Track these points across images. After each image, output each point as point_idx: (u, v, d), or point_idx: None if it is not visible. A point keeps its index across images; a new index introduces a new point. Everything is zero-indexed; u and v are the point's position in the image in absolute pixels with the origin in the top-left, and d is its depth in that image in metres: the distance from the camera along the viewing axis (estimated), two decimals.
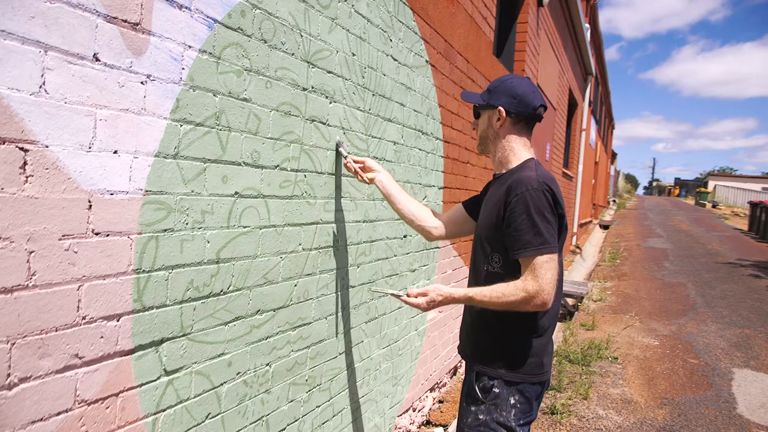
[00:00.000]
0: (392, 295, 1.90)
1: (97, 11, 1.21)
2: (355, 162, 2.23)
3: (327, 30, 2.11)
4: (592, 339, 5.55)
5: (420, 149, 3.18)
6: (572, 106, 11.48)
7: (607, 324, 6.46)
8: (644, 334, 6.09)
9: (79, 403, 1.25)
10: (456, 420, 3.09)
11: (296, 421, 2.17)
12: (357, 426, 2.73)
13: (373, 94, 2.54)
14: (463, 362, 4.47)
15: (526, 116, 1.83)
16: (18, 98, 1.08)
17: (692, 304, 7.64)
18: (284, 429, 2.09)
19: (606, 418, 3.80)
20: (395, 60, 2.73)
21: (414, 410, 3.55)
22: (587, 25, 11.52)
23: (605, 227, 20.40)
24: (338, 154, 2.26)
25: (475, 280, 1.86)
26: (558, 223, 1.67)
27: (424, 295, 1.78)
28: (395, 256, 2.98)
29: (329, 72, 2.15)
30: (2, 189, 1.06)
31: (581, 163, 12.93)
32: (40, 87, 1.12)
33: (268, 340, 1.94)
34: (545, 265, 1.60)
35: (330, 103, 2.18)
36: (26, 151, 1.10)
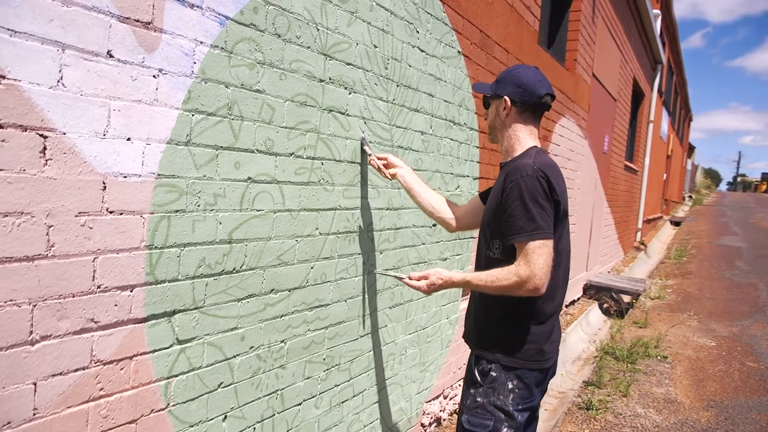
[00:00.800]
0: (395, 277, 1.97)
1: (110, 12, 1.35)
2: (379, 159, 2.31)
3: (346, 23, 2.19)
4: (641, 337, 5.37)
5: (451, 139, 3.21)
6: (638, 96, 10.99)
7: (662, 323, 6.21)
8: (701, 334, 5.81)
9: (95, 363, 1.41)
10: None
11: (313, 397, 2.28)
12: (381, 407, 2.82)
13: (398, 85, 2.60)
14: None
15: (531, 105, 1.84)
16: (38, 91, 1.23)
17: (761, 306, 7.19)
18: (300, 404, 2.21)
19: (644, 416, 3.70)
20: (422, 51, 2.78)
21: (445, 397, 3.60)
22: (657, 12, 10.97)
23: (677, 224, 19.43)
24: (363, 151, 2.35)
25: (477, 266, 1.90)
26: (555, 209, 1.68)
27: (425, 278, 1.84)
28: (423, 244, 3.04)
29: (348, 64, 2.23)
30: (24, 170, 1.22)
31: (648, 157, 12.36)
32: (58, 81, 1.26)
33: (282, 318, 2.06)
34: (537, 250, 1.62)
35: (349, 93, 2.27)
36: (45, 137, 1.25)
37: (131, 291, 1.48)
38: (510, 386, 1.76)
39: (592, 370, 4.46)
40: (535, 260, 1.62)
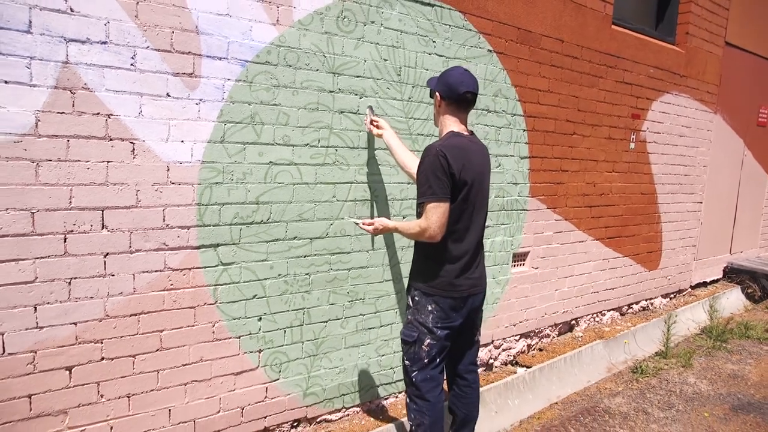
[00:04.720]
0: (354, 222, 2.74)
1: (167, 72, 2.41)
2: (372, 122, 3.02)
3: (352, 47, 3.00)
4: (758, 321, 5.11)
5: (486, 125, 3.78)
6: None
7: None
8: None
9: (167, 268, 2.52)
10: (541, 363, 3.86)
11: (339, 319, 3.18)
12: None
13: (413, 86, 3.32)
14: (579, 322, 4.89)
15: (455, 100, 2.45)
16: (129, 120, 2.34)
17: None
18: (326, 322, 3.13)
19: (692, 385, 3.81)
20: (441, 56, 3.43)
21: (496, 347, 4.19)
22: None
23: None
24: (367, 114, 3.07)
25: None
26: (451, 181, 2.29)
27: (372, 224, 2.59)
28: None
29: (357, 76, 3.05)
30: (123, 161, 2.34)
31: None
32: (139, 113, 2.36)
33: (306, 257, 2.99)
34: (431, 209, 2.28)
35: (360, 98, 3.08)
36: (134, 143, 2.36)
37: (188, 229, 2.55)
38: (429, 308, 2.44)
39: (675, 343, 4.55)
40: (430, 216, 2.29)
